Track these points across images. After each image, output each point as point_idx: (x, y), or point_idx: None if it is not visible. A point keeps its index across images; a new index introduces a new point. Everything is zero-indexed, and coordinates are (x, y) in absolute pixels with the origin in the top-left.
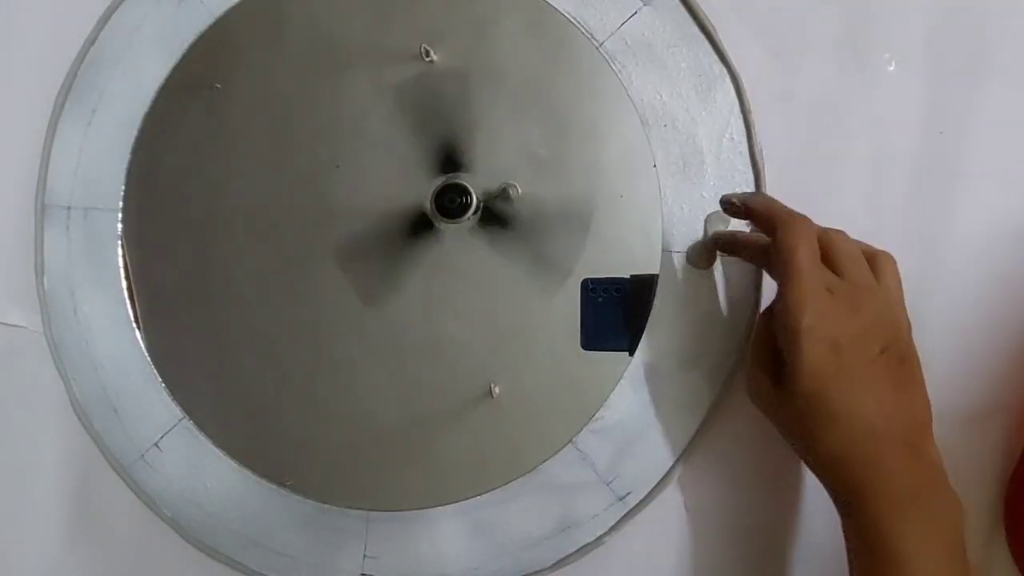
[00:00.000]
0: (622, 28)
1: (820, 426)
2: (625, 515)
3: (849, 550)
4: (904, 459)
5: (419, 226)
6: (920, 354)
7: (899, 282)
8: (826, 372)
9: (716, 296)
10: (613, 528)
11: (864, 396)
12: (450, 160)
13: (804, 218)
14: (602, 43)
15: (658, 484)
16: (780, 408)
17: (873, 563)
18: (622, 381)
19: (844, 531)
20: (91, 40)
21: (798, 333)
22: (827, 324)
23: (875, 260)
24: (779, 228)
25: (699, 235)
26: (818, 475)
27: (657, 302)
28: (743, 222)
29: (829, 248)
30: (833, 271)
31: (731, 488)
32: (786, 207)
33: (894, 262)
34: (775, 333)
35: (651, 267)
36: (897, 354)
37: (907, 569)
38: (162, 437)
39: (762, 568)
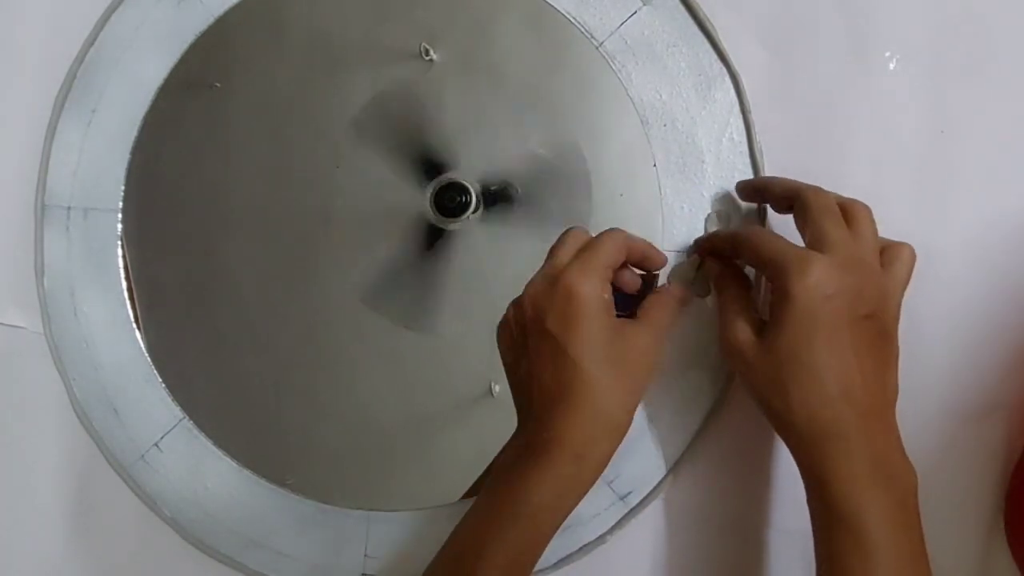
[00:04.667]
0: (622, 28)
1: (795, 381)
2: (626, 514)
3: (814, 527)
4: (871, 428)
5: (419, 225)
6: (920, 353)
7: (907, 269)
8: (813, 320)
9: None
10: (614, 527)
11: (844, 354)
12: (450, 159)
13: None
14: (602, 43)
15: (659, 483)
16: (756, 362)
17: (835, 536)
18: None
19: (809, 505)
20: (91, 40)
21: (793, 278)
22: (822, 272)
23: (894, 250)
24: (803, 193)
25: (699, 234)
26: (789, 442)
27: None
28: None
29: (847, 214)
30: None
31: (732, 487)
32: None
33: (913, 256)
34: (767, 277)
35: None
36: (881, 325)
37: (868, 541)
38: (162, 437)
39: (763, 567)
